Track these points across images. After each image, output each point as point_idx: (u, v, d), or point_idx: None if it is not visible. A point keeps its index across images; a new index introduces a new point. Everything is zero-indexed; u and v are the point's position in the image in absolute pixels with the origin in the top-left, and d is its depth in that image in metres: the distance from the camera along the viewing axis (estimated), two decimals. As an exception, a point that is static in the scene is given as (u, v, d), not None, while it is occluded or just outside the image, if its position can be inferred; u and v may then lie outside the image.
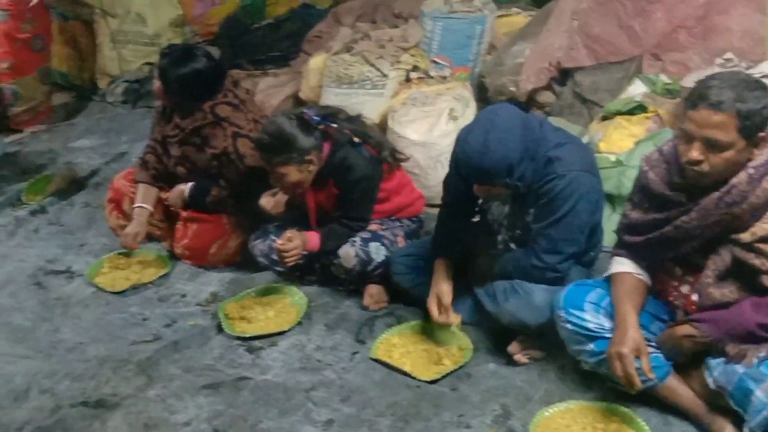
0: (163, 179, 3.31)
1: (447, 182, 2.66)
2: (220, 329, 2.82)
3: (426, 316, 2.75)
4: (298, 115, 2.77)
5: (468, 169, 2.32)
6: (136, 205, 3.24)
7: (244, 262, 3.24)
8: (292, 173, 2.74)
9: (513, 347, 2.54)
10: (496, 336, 2.62)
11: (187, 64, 3.05)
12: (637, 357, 2.01)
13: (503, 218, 2.52)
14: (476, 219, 2.75)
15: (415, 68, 4.34)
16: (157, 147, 3.29)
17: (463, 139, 2.34)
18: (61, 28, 5.92)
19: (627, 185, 3.08)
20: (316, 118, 2.77)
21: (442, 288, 2.59)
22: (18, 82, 5.11)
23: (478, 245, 2.64)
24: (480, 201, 2.56)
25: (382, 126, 3.92)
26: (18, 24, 5.00)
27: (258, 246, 3.06)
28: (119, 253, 3.34)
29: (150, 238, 3.34)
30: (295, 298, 2.96)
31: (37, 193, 4.13)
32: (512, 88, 4.19)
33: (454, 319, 2.60)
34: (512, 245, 2.53)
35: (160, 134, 3.28)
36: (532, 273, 2.41)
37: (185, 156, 3.21)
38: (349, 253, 2.83)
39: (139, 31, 5.92)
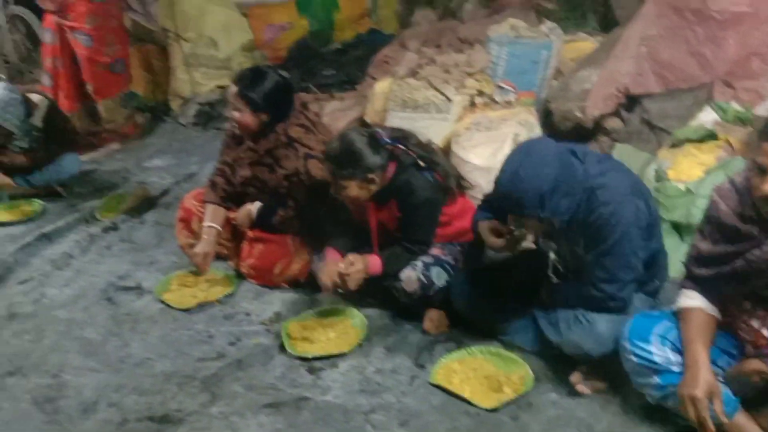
0: (232, 200, 3.38)
1: (487, 198, 2.69)
2: (282, 348, 2.85)
3: (485, 338, 2.75)
4: (370, 133, 2.82)
5: (500, 196, 2.35)
6: (205, 224, 3.32)
7: (307, 282, 3.28)
8: (353, 188, 2.78)
9: (575, 377, 2.50)
10: (559, 365, 2.59)
11: (267, 79, 3.13)
12: (710, 399, 1.96)
13: (551, 250, 2.51)
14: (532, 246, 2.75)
15: (480, 93, 4.36)
16: (226, 169, 3.37)
17: (500, 167, 2.35)
18: (137, 51, 6.15)
19: (696, 215, 3.01)
20: (387, 139, 2.81)
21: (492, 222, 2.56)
22: (101, 104, 5.34)
23: (537, 273, 2.62)
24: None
25: (446, 150, 3.93)
26: (101, 48, 5.23)
27: (320, 268, 3.10)
28: (188, 271, 3.42)
29: (217, 256, 3.41)
30: (356, 320, 2.98)
31: (110, 211, 4.26)
32: (578, 114, 4.16)
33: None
34: (569, 276, 2.51)
35: (230, 157, 3.36)
36: (593, 303, 2.39)
37: (256, 176, 3.28)
38: (410, 277, 2.84)
39: (212, 55, 6.09)
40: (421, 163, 2.84)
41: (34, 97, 4.39)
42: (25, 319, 3.16)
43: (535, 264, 2.62)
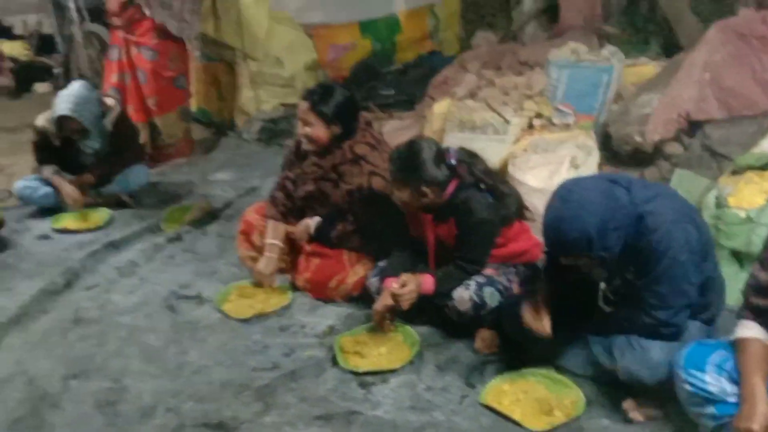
0: (291, 215, 3.46)
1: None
2: (334, 362, 2.88)
3: (537, 360, 2.74)
4: (439, 148, 2.86)
5: (548, 241, 2.36)
6: (267, 241, 3.40)
7: (361, 297, 3.31)
8: (404, 194, 2.85)
9: (628, 404, 2.47)
10: (612, 391, 2.56)
11: (337, 92, 3.21)
12: None
13: (601, 280, 2.50)
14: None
15: (539, 115, 4.36)
16: (287, 184, 3.44)
17: (544, 214, 2.35)
18: (205, 69, 6.34)
19: (757, 243, 2.96)
20: (452, 160, 2.84)
21: (533, 303, 2.56)
22: (161, 118, 5.51)
23: (591, 298, 2.61)
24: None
25: (503, 171, 3.94)
26: (165, 62, 5.42)
27: (374, 283, 3.14)
28: (247, 282, 3.50)
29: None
30: (408, 337, 3.00)
31: (174, 222, 4.39)
32: (638, 138, 4.13)
33: (548, 328, 2.52)
34: (621, 303, 2.49)
35: (293, 172, 3.42)
36: (646, 330, 2.36)
37: (320, 191, 3.34)
38: (463, 296, 2.86)
39: (276, 73, 6.22)
40: (482, 186, 2.87)
41: (108, 101, 4.58)
42: (90, 323, 3.27)
43: (589, 289, 2.61)
